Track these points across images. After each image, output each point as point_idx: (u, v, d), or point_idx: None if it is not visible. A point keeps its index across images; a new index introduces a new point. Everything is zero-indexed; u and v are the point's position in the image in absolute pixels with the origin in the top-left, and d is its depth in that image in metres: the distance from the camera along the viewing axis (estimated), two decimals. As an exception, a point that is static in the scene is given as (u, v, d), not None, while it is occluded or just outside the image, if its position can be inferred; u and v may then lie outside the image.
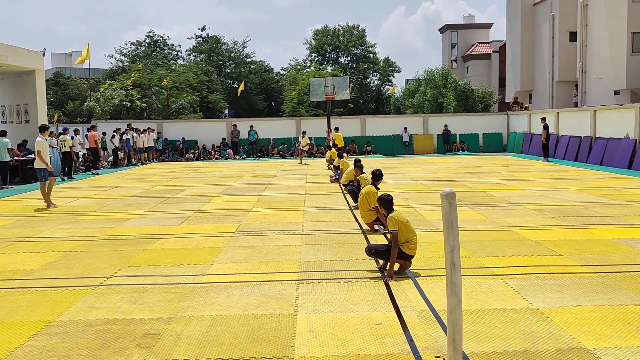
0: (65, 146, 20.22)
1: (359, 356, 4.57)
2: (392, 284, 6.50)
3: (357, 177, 12.49)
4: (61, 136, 20.60)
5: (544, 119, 25.06)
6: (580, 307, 5.60)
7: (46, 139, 13.51)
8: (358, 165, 12.77)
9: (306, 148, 28.97)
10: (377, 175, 10.03)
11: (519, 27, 39.17)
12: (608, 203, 12.17)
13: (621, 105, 23.40)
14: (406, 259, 6.88)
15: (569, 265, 7.15)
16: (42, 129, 13.55)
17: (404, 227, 6.82)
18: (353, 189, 12.30)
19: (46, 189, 13.10)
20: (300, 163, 27.09)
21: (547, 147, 24.92)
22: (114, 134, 26.25)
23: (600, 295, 5.96)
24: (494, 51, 52.81)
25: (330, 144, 28.03)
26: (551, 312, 5.48)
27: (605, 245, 8.22)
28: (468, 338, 4.77)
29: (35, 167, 13.27)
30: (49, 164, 13.15)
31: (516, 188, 15.05)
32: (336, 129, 28.72)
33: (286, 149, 32.80)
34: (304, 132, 29.19)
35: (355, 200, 11.89)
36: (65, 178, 20.24)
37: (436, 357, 4.53)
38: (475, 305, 5.70)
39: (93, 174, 22.46)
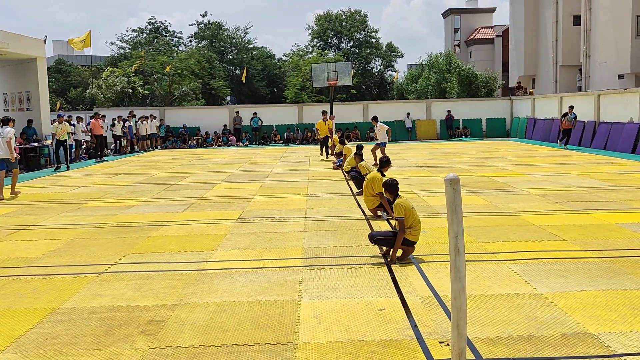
0: (59, 135, 19.50)
1: (363, 342, 4.58)
2: (395, 270, 6.50)
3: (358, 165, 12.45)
4: (54, 124, 19.77)
5: (572, 107, 23.94)
6: (584, 292, 5.59)
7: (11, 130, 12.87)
8: (358, 153, 12.73)
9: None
10: (385, 162, 10.00)
11: (522, 11, 38.73)
12: (612, 188, 12.13)
13: (625, 89, 23.21)
14: (409, 245, 6.88)
15: (573, 250, 7.13)
16: (6, 122, 13.03)
17: (409, 213, 6.81)
18: (356, 176, 12.26)
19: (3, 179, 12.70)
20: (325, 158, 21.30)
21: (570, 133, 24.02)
22: (114, 122, 26.17)
23: (605, 280, 5.95)
24: (497, 36, 52.41)
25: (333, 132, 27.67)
26: (555, 297, 5.47)
27: (610, 230, 8.20)
28: (472, 323, 4.78)
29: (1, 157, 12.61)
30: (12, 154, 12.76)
31: (520, 173, 15.00)
32: (324, 112, 23.47)
33: (291, 135, 32.68)
34: (325, 112, 22.65)
35: (358, 187, 11.88)
36: (62, 167, 19.66)
37: (440, 342, 4.53)
38: (479, 290, 5.70)
39: (97, 161, 22.43)
